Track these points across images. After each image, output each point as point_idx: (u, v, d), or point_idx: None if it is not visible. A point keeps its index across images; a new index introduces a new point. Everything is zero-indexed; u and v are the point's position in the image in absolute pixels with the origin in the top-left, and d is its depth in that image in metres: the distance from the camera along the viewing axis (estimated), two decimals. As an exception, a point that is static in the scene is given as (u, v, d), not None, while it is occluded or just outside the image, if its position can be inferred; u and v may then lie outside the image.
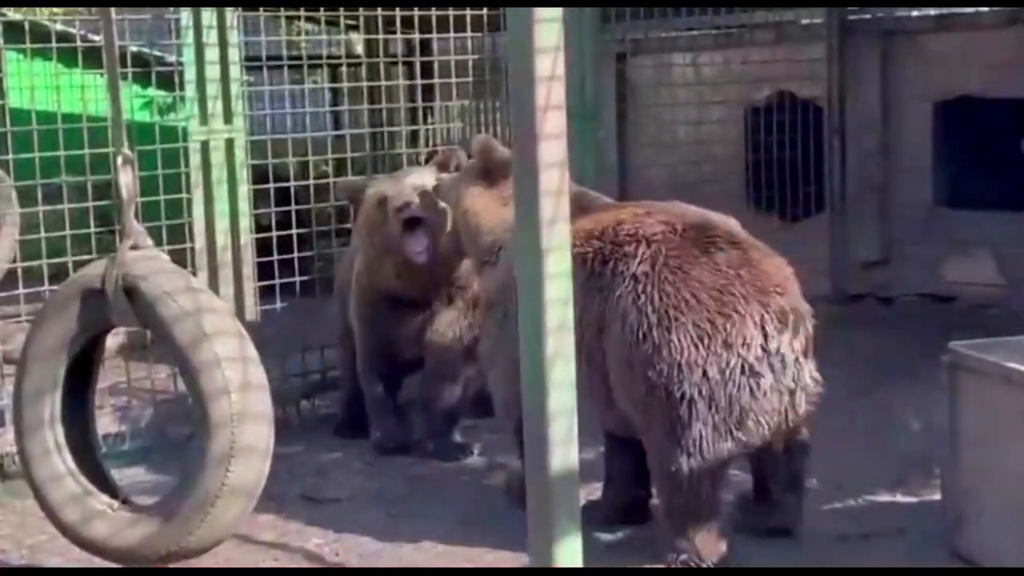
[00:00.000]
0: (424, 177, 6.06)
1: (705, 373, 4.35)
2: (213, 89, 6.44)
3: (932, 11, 8.93)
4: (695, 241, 4.55)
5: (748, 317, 4.37)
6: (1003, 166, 8.63)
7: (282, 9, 7.33)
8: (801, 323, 4.50)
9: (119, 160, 4.57)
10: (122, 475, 5.46)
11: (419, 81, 8.35)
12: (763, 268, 4.51)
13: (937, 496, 4.91)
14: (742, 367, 4.36)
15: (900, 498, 5.38)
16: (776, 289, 4.48)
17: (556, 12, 3.45)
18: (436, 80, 8.39)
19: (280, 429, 4.79)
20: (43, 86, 7.43)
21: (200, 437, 4.36)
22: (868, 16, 9.14)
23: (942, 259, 8.81)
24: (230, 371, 4.31)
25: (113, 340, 5.60)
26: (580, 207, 4.67)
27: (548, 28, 3.44)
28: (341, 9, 7.33)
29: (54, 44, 6.89)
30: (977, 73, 8.62)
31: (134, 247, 4.54)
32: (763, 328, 4.39)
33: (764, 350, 4.38)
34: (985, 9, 8.83)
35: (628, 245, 4.58)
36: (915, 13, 8.99)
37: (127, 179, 4.55)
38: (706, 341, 4.35)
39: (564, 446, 3.47)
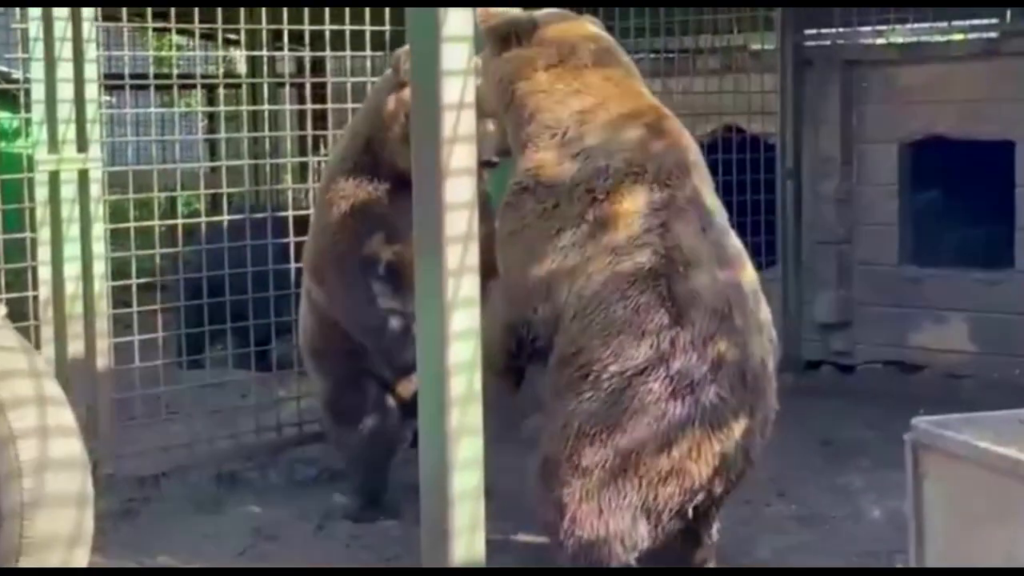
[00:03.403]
0: None
1: (644, 482, 4.65)
2: (65, 111, 6.37)
3: (900, 39, 9.11)
4: (684, 312, 4.72)
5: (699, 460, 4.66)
6: (978, 216, 8.78)
7: (150, 20, 7.29)
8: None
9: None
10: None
11: (309, 106, 8.32)
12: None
13: (900, 596, 4.95)
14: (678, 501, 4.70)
15: (858, 598, 5.42)
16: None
17: (467, 28, 3.48)
18: (329, 105, 8.38)
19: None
20: None
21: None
22: (827, 43, 9.29)
23: (909, 323, 8.93)
24: (15, 415, 4.26)
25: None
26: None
27: (457, 48, 3.46)
28: (220, 21, 7.31)
29: None
30: (949, 110, 8.78)
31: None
32: (709, 485, 4.70)
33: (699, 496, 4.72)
34: (959, 38, 9.02)
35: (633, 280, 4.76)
36: (879, 41, 9.16)
37: None
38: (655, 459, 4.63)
39: (469, 533, 3.47)
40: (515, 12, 5.38)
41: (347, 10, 7.49)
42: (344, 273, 6.22)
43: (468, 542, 3.46)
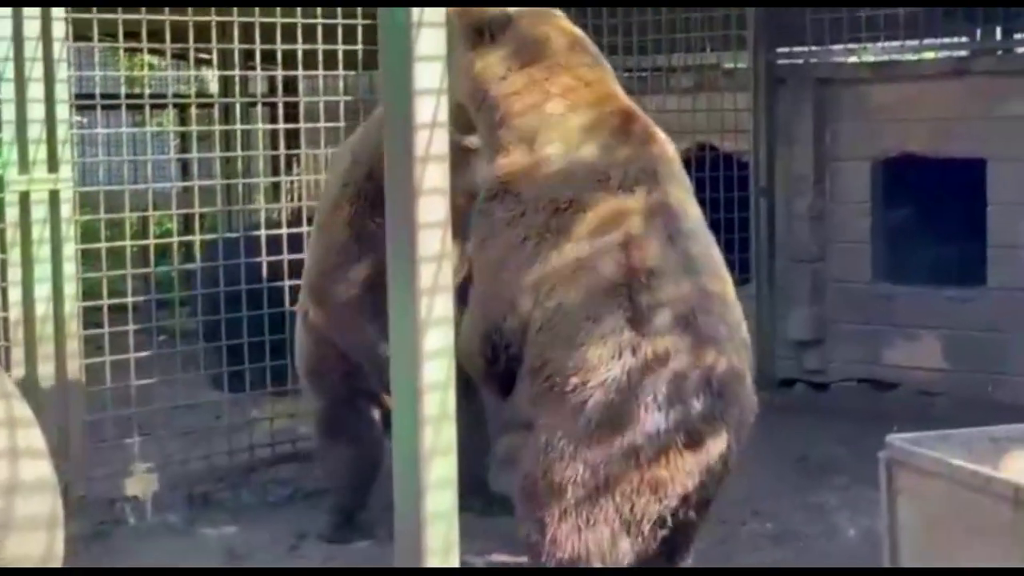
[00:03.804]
0: None
1: (623, 497, 4.65)
2: (36, 132, 6.35)
3: (871, 58, 9.15)
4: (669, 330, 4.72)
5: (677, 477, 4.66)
6: (950, 234, 8.82)
7: (121, 40, 7.27)
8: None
9: None
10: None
11: (282, 125, 8.32)
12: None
13: (875, 613, 4.95)
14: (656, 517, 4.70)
15: (834, 616, 5.43)
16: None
17: (439, 48, 3.48)
18: (302, 125, 8.37)
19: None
20: None
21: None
22: (800, 62, 9.33)
23: (882, 340, 8.96)
24: None
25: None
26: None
27: (430, 67, 3.46)
28: (191, 40, 7.30)
29: None
30: (921, 129, 8.82)
31: None
32: (684, 496, 4.69)
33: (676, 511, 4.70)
34: (930, 56, 9.07)
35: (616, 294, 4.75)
36: (851, 59, 9.21)
37: None
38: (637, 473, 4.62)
39: (444, 553, 3.46)
40: (491, 8, 5.36)
41: (319, 30, 7.49)
42: (345, 295, 6.25)
43: (442, 562, 3.45)
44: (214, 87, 11.04)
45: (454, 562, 3.50)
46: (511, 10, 5.36)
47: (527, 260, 4.92)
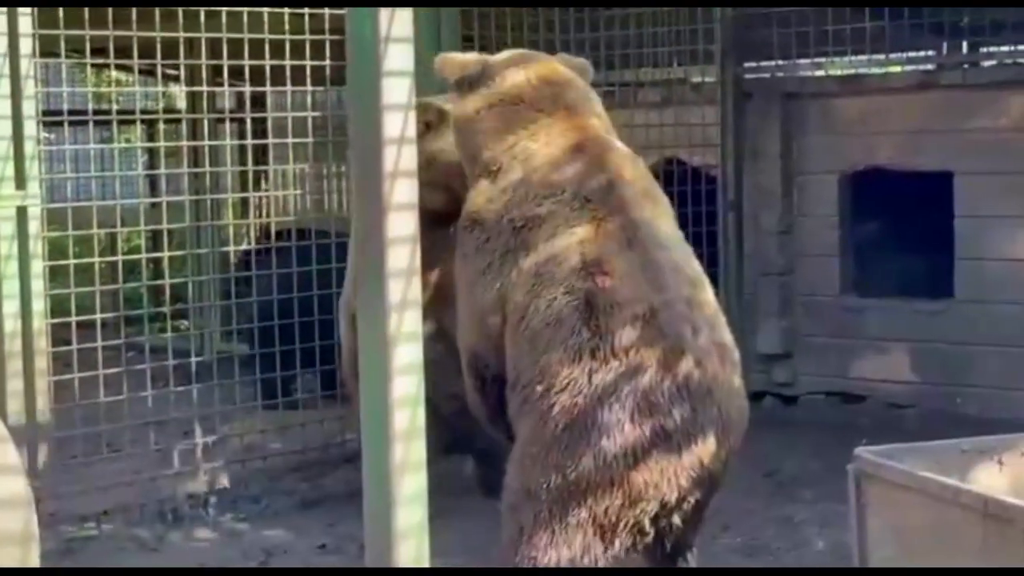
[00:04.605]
0: None
1: (605, 512, 4.60)
2: (3, 148, 6.34)
3: (838, 72, 9.20)
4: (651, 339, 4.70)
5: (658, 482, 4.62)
6: (918, 246, 8.86)
7: (88, 56, 7.26)
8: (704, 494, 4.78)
9: None
10: None
11: (250, 141, 8.32)
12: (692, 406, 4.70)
13: (845, 626, 4.96)
14: (635, 525, 4.65)
15: (804, 628, 5.44)
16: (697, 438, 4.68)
17: (407, 63, 3.49)
18: (270, 140, 8.38)
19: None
20: None
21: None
22: (767, 76, 9.37)
23: (851, 353, 8.99)
24: None
25: None
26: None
27: (398, 83, 3.47)
28: (159, 56, 7.29)
29: None
30: (888, 142, 8.87)
31: None
32: (663, 502, 4.64)
33: (657, 518, 4.66)
34: (896, 70, 9.11)
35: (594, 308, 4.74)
36: (818, 73, 9.25)
37: None
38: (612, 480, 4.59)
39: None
40: (469, 58, 5.60)
41: (287, 45, 7.49)
42: None
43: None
44: (182, 103, 11.00)
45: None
46: (488, 58, 5.58)
47: (491, 281, 5.05)
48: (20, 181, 6.40)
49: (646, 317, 4.71)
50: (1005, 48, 9.01)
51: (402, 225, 3.46)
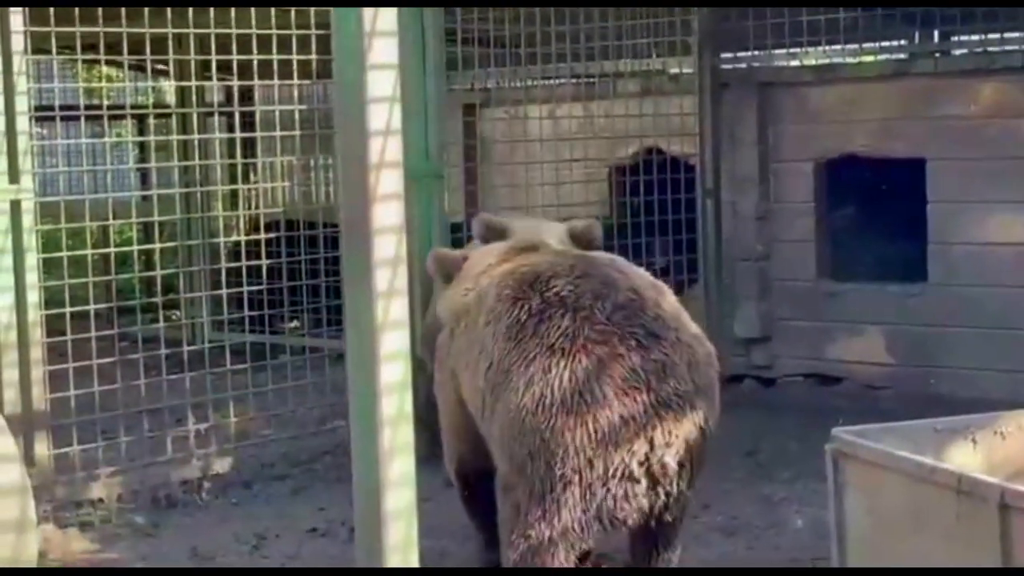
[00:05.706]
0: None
1: (591, 464, 4.66)
2: (-4, 143, 6.34)
3: (813, 61, 9.21)
4: (619, 326, 4.80)
5: (642, 431, 4.70)
6: (892, 232, 8.88)
7: (79, 52, 7.24)
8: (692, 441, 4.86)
9: None
10: None
11: (239, 134, 8.30)
12: (673, 379, 4.82)
13: (824, 601, 4.97)
14: (623, 471, 4.69)
15: (784, 605, 5.45)
16: (677, 402, 4.80)
17: (392, 57, 3.48)
18: (258, 133, 8.36)
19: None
20: None
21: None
22: (744, 66, 9.38)
23: (827, 336, 9.01)
24: None
25: None
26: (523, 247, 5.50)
27: (383, 75, 3.46)
28: (148, 52, 7.26)
29: None
30: (862, 130, 8.88)
31: None
32: (651, 441, 4.71)
33: (646, 459, 4.71)
34: (869, 59, 9.12)
35: (555, 308, 4.84)
36: (794, 63, 9.26)
37: None
38: (598, 437, 4.64)
39: (404, 550, 3.46)
40: (451, 253, 5.92)
41: (274, 40, 7.47)
42: None
43: (403, 560, 3.45)
44: (171, 98, 10.96)
45: (414, 559, 3.50)
46: (464, 252, 5.90)
47: (444, 356, 5.48)
48: (13, 176, 6.40)
49: (587, 311, 4.83)
50: (976, 37, 9.00)
51: (387, 215, 3.45)
